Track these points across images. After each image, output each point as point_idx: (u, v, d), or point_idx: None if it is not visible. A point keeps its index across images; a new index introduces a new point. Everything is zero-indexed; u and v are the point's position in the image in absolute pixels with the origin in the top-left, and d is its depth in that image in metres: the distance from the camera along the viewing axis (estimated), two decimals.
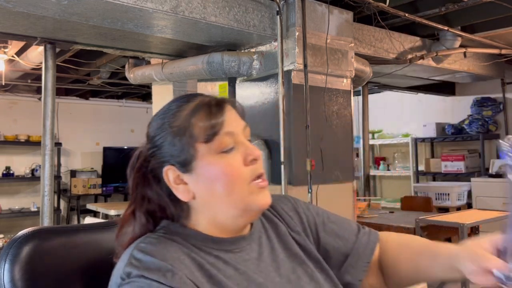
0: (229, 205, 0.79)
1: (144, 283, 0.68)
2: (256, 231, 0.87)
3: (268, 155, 2.95)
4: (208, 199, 0.80)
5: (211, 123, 0.78)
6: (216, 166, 0.78)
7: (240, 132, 0.82)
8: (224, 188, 0.78)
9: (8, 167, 6.10)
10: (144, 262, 0.71)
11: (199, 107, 0.80)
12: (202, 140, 0.78)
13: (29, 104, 6.37)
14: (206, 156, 0.78)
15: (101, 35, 2.99)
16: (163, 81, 3.65)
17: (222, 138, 0.78)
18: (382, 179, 6.65)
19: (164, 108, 0.85)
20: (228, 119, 0.80)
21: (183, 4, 2.47)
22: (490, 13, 3.42)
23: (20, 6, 2.28)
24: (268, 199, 0.81)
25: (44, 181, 3.00)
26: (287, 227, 0.91)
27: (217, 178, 0.78)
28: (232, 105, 0.84)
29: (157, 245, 0.75)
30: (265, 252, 0.85)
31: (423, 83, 5.29)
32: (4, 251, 0.87)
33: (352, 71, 3.14)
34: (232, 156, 0.79)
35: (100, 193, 6.67)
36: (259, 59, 3.07)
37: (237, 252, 0.81)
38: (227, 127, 0.79)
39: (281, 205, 0.95)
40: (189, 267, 0.73)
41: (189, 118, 0.79)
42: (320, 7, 2.98)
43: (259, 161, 0.81)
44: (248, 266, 0.81)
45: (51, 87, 3.06)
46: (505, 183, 0.65)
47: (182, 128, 0.79)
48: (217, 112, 0.79)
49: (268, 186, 0.82)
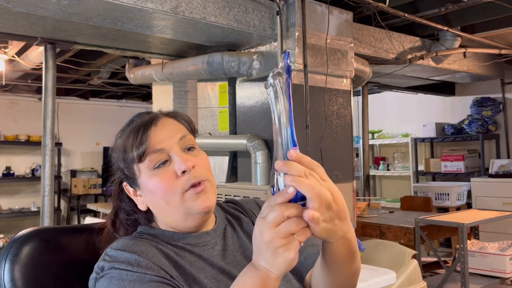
0: (171, 213, 0.88)
1: (115, 273, 0.78)
2: (220, 227, 0.96)
3: (268, 155, 2.95)
4: (156, 209, 0.91)
5: (137, 146, 0.87)
6: (152, 182, 0.87)
7: (174, 145, 0.88)
8: (161, 199, 0.87)
9: (8, 167, 6.10)
10: (115, 257, 0.81)
11: (131, 131, 0.90)
12: (136, 160, 0.88)
13: (29, 104, 6.37)
14: (144, 173, 0.88)
15: (101, 35, 2.99)
16: (163, 81, 3.65)
17: (151, 157, 0.87)
18: (382, 179, 6.65)
19: (120, 129, 0.96)
20: (158, 137, 0.88)
21: (183, 4, 2.48)
22: (490, 13, 3.42)
23: (20, 6, 2.28)
24: (207, 202, 0.87)
25: (44, 181, 3.00)
26: (250, 220, 1.02)
27: (155, 192, 0.87)
28: (174, 118, 0.94)
29: (127, 242, 0.84)
30: (231, 241, 0.95)
31: (423, 83, 5.29)
32: (4, 251, 0.88)
33: (352, 71, 3.14)
34: (165, 171, 0.87)
35: (100, 193, 6.68)
36: (259, 59, 3.07)
37: (202, 246, 0.90)
38: (154, 145, 0.87)
39: (249, 206, 1.07)
40: (156, 256, 0.82)
41: (124, 142, 0.90)
42: (320, 7, 2.99)
43: (193, 170, 0.87)
44: (213, 255, 0.90)
45: (51, 87, 3.06)
46: (505, 183, 0.65)
47: (122, 152, 0.90)
48: (143, 134, 0.88)
49: (207, 188, 0.88)
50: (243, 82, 3.22)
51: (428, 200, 4.48)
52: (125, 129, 0.93)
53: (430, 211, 4.27)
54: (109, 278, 0.78)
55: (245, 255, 0.94)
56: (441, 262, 3.00)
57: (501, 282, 3.01)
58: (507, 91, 5.25)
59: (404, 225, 3.18)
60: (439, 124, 5.64)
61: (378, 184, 6.67)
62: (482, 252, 3.05)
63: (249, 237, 0.97)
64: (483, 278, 2.99)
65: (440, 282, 2.88)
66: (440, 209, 4.98)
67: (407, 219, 3.46)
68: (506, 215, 3.19)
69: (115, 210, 0.96)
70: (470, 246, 3.10)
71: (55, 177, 4.20)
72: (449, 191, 5.05)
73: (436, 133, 5.58)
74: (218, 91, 3.44)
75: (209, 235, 0.92)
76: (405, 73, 4.31)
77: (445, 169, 5.41)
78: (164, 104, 4.03)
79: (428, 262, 3.53)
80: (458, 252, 2.77)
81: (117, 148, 0.92)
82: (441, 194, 5.12)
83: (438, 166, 5.56)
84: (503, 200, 4.51)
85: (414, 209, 4.31)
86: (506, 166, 4.85)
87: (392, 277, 2.08)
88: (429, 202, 4.43)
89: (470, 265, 2.85)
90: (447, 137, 5.51)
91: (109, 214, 0.97)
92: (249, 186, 2.96)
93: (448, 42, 3.88)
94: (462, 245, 2.73)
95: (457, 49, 3.94)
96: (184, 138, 0.90)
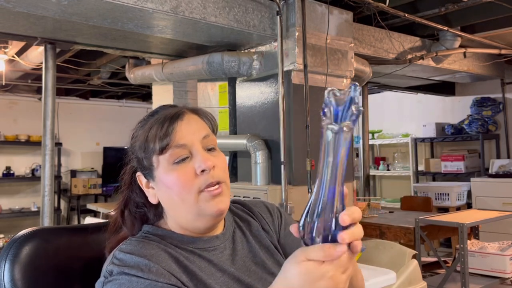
0: (183, 210, 0.86)
1: (125, 279, 0.75)
2: (229, 230, 0.95)
3: (268, 155, 2.95)
4: (168, 204, 0.89)
5: (161, 137, 0.85)
6: (170, 176, 0.85)
7: (197, 142, 0.87)
8: (176, 195, 0.85)
9: (8, 167, 6.10)
10: (124, 260, 0.78)
11: (156, 121, 0.88)
12: (157, 152, 0.86)
13: (29, 104, 6.37)
14: (162, 166, 0.86)
15: (101, 35, 2.99)
16: (163, 81, 3.65)
17: (173, 150, 0.85)
18: (382, 179, 6.65)
19: (143, 116, 0.94)
20: (182, 131, 0.86)
21: (183, 4, 2.48)
22: (490, 13, 3.42)
23: (20, 6, 2.28)
24: (221, 205, 0.86)
25: (44, 181, 3.00)
26: (259, 224, 1.01)
27: (171, 187, 0.86)
28: (199, 115, 0.92)
29: (136, 245, 0.82)
30: (240, 246, 0.94)
31: (423, 83, 5.30)
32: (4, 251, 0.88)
33: (352, 71, 3.14)
34: (185, 167, 0.85)
35: (100, 193, 6.68)
36: (259, 59, 3.07)
37: (211, 251, 0.89)
38: (178, 140, 0.86)
39: (258, 209, 1.05)
40: (166, 261, 0.80)
41: (147, 132, 0.87)
42: (320, 7, 2.99)
43: (213, 170, 0.86)
44: (223, 260, 0.88)
45: (51, 87, 3.06)
46: (505, 183, 0.65)
47: (143, 141, 0.87)
48: (168, 126, 0.86)
49: (224, 192, 0.87)
50: (243, 82, 3.22)
51: (428, 200, 4.48)
52: (148, 119, 0.91)
53: (430, 211, 4.27)
54: (118, 285, 0.75)
55: (255, 261, 0.93)
56: (441, 262, 3.00)
57: (501, 282, 3.00)
58: (507, 91, 5.25)
59: (404, 225, 3.18)
60: (439, 124, 5.64)
61: (378, 184, 6.67)
62: (482, 252, 3.05)
63: (259, 242, 0.97)
64: (483, 278, 2.98)
65: (440, 282, 2.88)
66: (440, 209, 4.98)
67: (407, 219, 3.46)
68: (506, 215, 3.19)
69: (125, 200, 0.93)
70: (470, 246, 3.10)
71: (55, 177, 4.19)
72: (449, 191, 5.05)
73: (436, 133, 5.58)
74: (218, 91, 3.44)
75: (218, 239, 0.91)
76: (405, 73, 4.31)
77: (445, 169, 5.40)
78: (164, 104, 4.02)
79: (428, 262, 3.53)
80: (458, 252, 2.77)
81: (138, 137, 0.89)
82: (441, 194, 5.12)
83: (438, 166, 5.55)
84: (503, 200, 4.51)
85: (414, 209, 4.30)
86: (506, 166, 4.85)
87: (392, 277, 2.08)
88: (429, 202, 4.43)
89: (470, 265, 2.85)
90: (447, 137, 5.51)
91: (119, 203, 0.93)
92: (249, 186, 2.96)
93: (448, 42, 3.88)
94: (462, 245, 2.73)
95: (457, 49, 3.94)
96: (208, 138, 0.89)
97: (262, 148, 2.94)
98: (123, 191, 0.93)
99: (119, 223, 0.92)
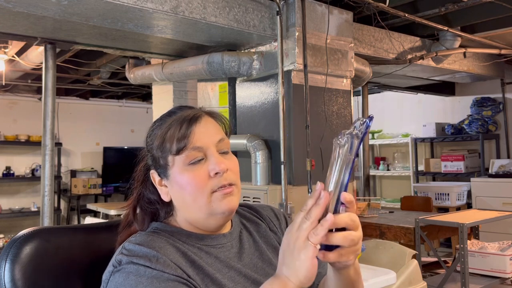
0: (195, 210, 0.89)
1: (133, 268, 0.79)
2: (236, 230, 0.98)
3: (268, 155, 2.95)
4: (181, 203, 0.91)
5: (178, 139, 0.88)
6: (184, 176, 0.88)
7: (212, 145, 0.90)
8: (189, 195, 0.88)
9: (8, 167, 6.10)
10: (133, 251, 0.81)
11: (174, 122, 0.90)
12: (174, 152, 0.88)
13: (29, 104, 6.37)
14: (177, 166, 0.89)
15: (101, 35, 2.99)
16: (163, 81, 3.65)
17: (189, 152, 0.88)
18: (382, 179, 6.65)
19: (160, 116, 0.97)
20: (199, 134, 0.89)
21: (183, 4, 2.48)
22: (490, 13, 3.42)
23: (20, 6, 2.28)
24: (231, 203, 0.89)
25: (44, 181, 3.00)
26: (267, 226, 1.05)
27: (184, 187, 0.88)
28: (215, 118, 0.95)
29: (145, 238, 0.86)
30: (247, 244, 0.97)
31: (423, 83, 5.30)
32: (4, 251, 0.88)
33: (352, 71, 3.14)
34: (199, 168, 0.88)
35: (100, 193, 6.67)
36: (259, 59, 3.07)
37: (219, 248, 0.92)
38: (195, 142, 0.88)
39: (265, 213, 1.08)
40: (174, 254, 0.84)
41: (165, 132, 0.90)
42: (320, 7, 2.99)
43: (226, 173, 0.89)
44: (230, 257, 0.92)
45: (51, 87, 3.06)
46: (505, 183, 0.67)
47: (160, 140, 0.90)
48: (187, 128, 0.89)
49: (234, 192, 0.90)
50: (243, 82, 3.22)
51: (428, 200, 4.48)
52: (165, 118, 0.93)
53: (430, 211, 4.27)
54: (127, 273, 0.78)
55: (262, 258, 0.96)
56: (441, 262, 3.00)
57: (501, 282, 3.00)
58: (507, 91, 5.25)
59: (404, 225, 3.18)
60: (439, 124, 5.64)
61: (378, 184, 6.67)
62: (482, 252, 3.05)
63: (266, 242, 1.00)
64: (483, 278, 2.98)
65: (440, 282, 2.88)
66: (440, 209, 4.98)
67: (407, 219, 3.46)
68: (506, 215, 3.19)
69: (138, 196, 0.95)
70: (470, 246, 3.10)
71: (55, 177, 4.20)
72: (449, 191, 5.05)
73: (436, 133, 5.58)
74: (218, 91, 3.44)
75: (225, 238, 0.94)
76: (405, 73, 4.31)
77: (445, 169, 5.40)
78: (164, 104, 4.02)
79: (428, 262, 3.53)
80: (458, 252, 2.77)
81: (155, 136, 0.92)
82: (441, 194, 5.12)
83: (438, 166, 5.55)
84: (503, 200, 4.51)
85: (414, 209, 4.30)
86: (506, 166, 4.85)
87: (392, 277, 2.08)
88: (429, 202, 4.43)
89: (470, 265, 2.85)
90: (447, 137, 5.51)
91: (132, 198, 0.96)
92: (249, 186, 2.96)
93: (448, 42, 3.88)
94: (462, 245, 2.73)
95: (457, 49, 3.94)
96: (222, 141, 0.92)
97: (262, 148, 2.94)
98: (136, 187, 0.96)
99: (130, 218, 0.95)
